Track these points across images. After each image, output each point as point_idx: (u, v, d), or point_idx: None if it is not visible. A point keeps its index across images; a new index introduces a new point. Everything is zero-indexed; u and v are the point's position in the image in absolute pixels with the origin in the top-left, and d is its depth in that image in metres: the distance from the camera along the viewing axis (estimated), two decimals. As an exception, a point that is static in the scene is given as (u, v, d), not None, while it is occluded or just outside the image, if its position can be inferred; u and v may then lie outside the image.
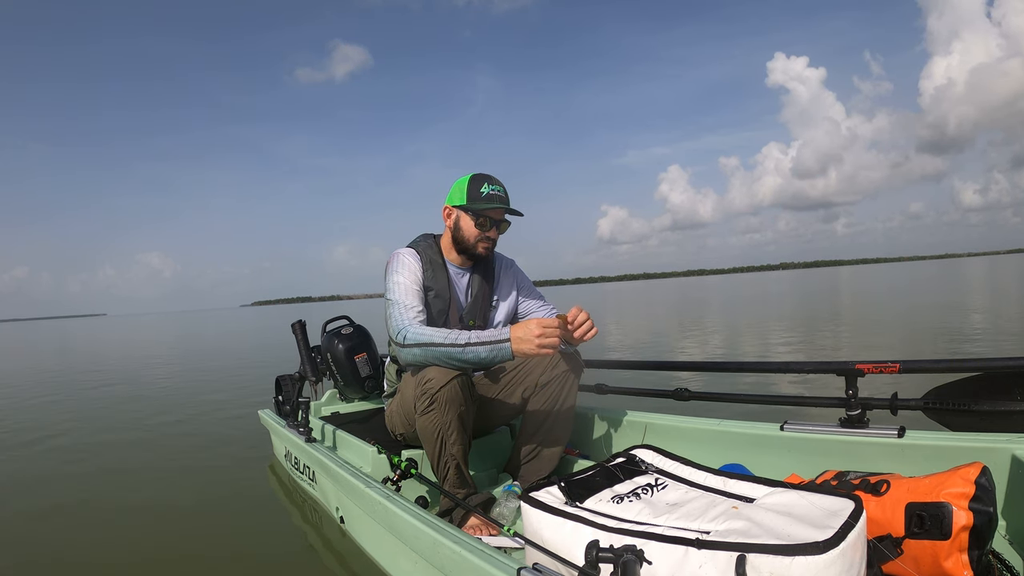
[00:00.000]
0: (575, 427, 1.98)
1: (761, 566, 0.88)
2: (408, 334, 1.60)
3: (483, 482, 1.90)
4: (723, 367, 2.40)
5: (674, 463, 1.33)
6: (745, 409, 3.07)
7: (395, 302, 1.70)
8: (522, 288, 1.97)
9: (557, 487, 1.23)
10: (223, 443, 3.57)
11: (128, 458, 3.34)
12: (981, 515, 1.06)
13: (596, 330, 1.61)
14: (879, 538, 1.12)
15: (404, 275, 1.75)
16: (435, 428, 1.59)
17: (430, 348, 1.56)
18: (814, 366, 1.80)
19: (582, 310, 1.58)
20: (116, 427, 4.32)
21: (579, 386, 1.85)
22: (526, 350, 1.48)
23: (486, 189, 1.75)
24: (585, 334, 1.59)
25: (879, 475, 1.25)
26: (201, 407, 4.97)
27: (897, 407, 1.63)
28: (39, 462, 3.35)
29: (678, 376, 4.24)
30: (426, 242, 1.87)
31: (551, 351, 1.48)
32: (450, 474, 1.62)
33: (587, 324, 1.58)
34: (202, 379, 7.08)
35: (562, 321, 1.53)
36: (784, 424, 1.69)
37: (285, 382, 2.75)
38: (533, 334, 1.47)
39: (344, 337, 2.67)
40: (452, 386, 1.56)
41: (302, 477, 2.39)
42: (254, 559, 1.89)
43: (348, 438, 2.09)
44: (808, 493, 1.07)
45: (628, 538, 1.01)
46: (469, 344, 1.53)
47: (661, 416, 1.98)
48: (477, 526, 1.58)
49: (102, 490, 2.73)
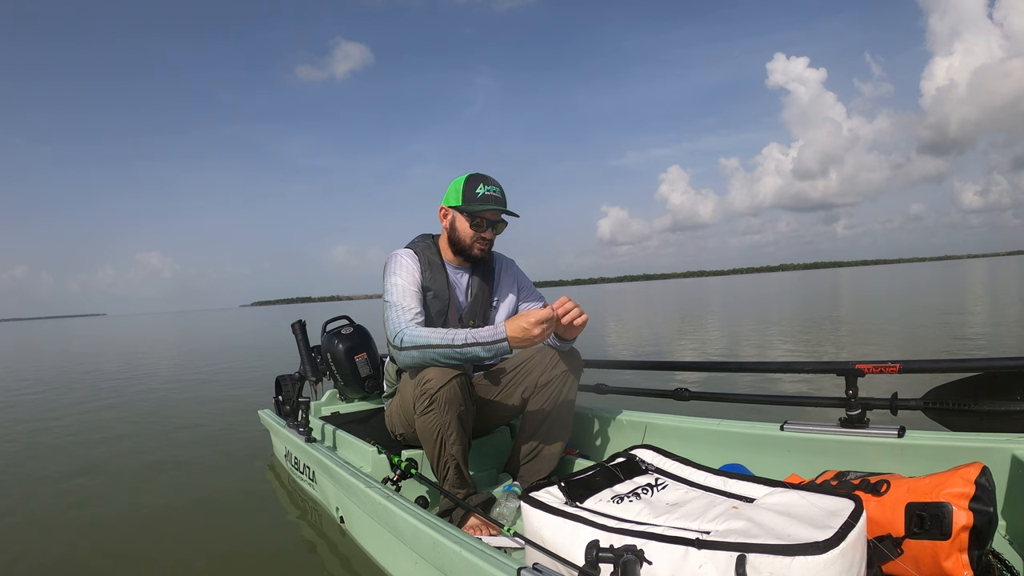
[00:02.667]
0: (575, 427, 1.98)
1: (761, 566, 0.88)
2: (405, 337, 1.61)
3: (483, 482, 1.90)
4: (723, 367, 2.40)
5: (674, 463, 1.33)
6: (745, 409, 3.06)
7: (392, 304, 1.70)
8: (522, 288, 1.97)
9: (557, 487, 1.23)
10: (223, 443, 3.57)
11: (127, 458, 3.33)
12: (981, 515, 1.06)
13: (585, 316, 1.63)
14: (879, 538, 1.12)
15: (402, 277, 1.75)
16: (434, 428, 1.59)
17: (427, 349, 1.57)
18: (814, 366, 1.80)
19: (569, 299, 1.61)
20: (115, 427, 4.31)
21: (579, 386, 1.86)
22: (522, 339, 1.51)
23: (482, 190, 1.75)
24: (574, 320, 1.60)
25: (879, 475, 1.24)
26: (201, 407, 4.97)
27: (897, 407, 1.63)
28: (38, 462, 3.35)
29: (678, 376, 4.24)
30: (424, 243, 1.87)
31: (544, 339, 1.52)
32: (450, 474, 1.62)
33: (575, 311, 1.60)
34: (202, 379, 7.08)
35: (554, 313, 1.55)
36: (784, 424, 1.69)
37: (285, 382, 2.75)
38: (527, 323, 1.50)
39: (344, 337, 2.67)
40: (451, 386, 1.56)
41: (302, 477, 2.39)
42: (254, 559, 1.89)
43: (348, 438, 2.09)
44: (808, 493, 1.08)
45: (628, 538, 1.01)
46: (466, 344, 1.54)
47: (661, 416, 1.98)
48: (477, 526, 1.58)
49: (101, 490, 2.73)
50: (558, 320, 1.57)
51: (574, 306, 1.60)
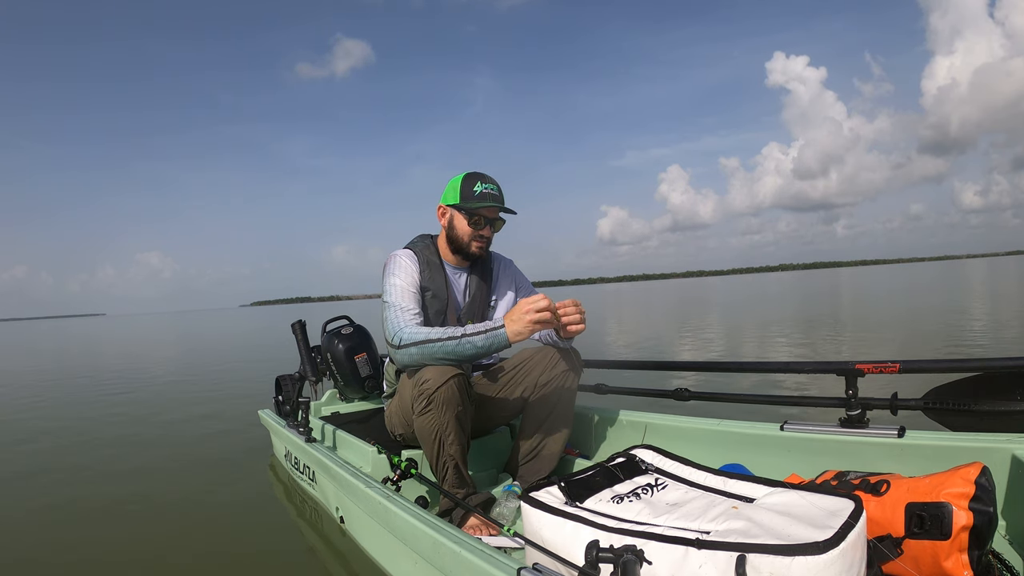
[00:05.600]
0: (575, 427, 1.98)
1: (761, 566, 0.88)
2: (404, 336, 1.62)
3: (483, 482, 1.90)
4: (723, 367, 2.40)
5: (674, 463, 1.33)
6: (745, 409, 3.06)
7: (391, 304, 1.71)
8: (520, 288, 1.97)
9: (557, 487, 1.23)
10: (223, 443, 3.57)
11: (127, 457, 3.33)
12: (981, 515, 1.06)
13: (583, 326, 1.64)
14: (879, 538, 1.12)
15: (400, 277, 1.76)
16: (432, 429, 1.59)
17: (426, 345, 1.58)
18: (814, 366, 1.80)
19: (578, 303, 1.62)
20: (114, 426, 4.31)
21: (579, 386, 1.85)
22: (519, 329, 1.53)
23: (479, 187, 1.75)
24: (572, 324, 1.61)
25: (879, 475, 1.24)
26: (201, 407, 4.97)
27: (897, 407, 1.63)
28: (38, 461, 3.35)
29: (678, 376, 4.24)
30: (423, 243, 1.88)
31: (543, 326, 1.54)
32: (449, 474, 1.62)
33: (576, 317, 1.61)
34: (202, 379, 7.08)
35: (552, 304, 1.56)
36: (784, 424, 1.69)
37: (285, 382, 2.75)
38: (522, 311, 1.53)
39: (344, 337, 2.67)
40: (449, 386, 1.56)
41: (302, 477, 2.39)
42: (254, 559, 1.89)
43: (348, 438, 2.09)
44: (808, 493, 1.07)
45: (628, 538, 1.01)
46: (465, 336, 1.56)
47: (661, 416, 1.98)
48: (477, 526, 1.58)
49: (101, 489, 2.73)
50: (557, 317, 1.58)
51: (576, 311, 1.61)
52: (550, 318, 1.54)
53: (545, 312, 1.52)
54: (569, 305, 1.61)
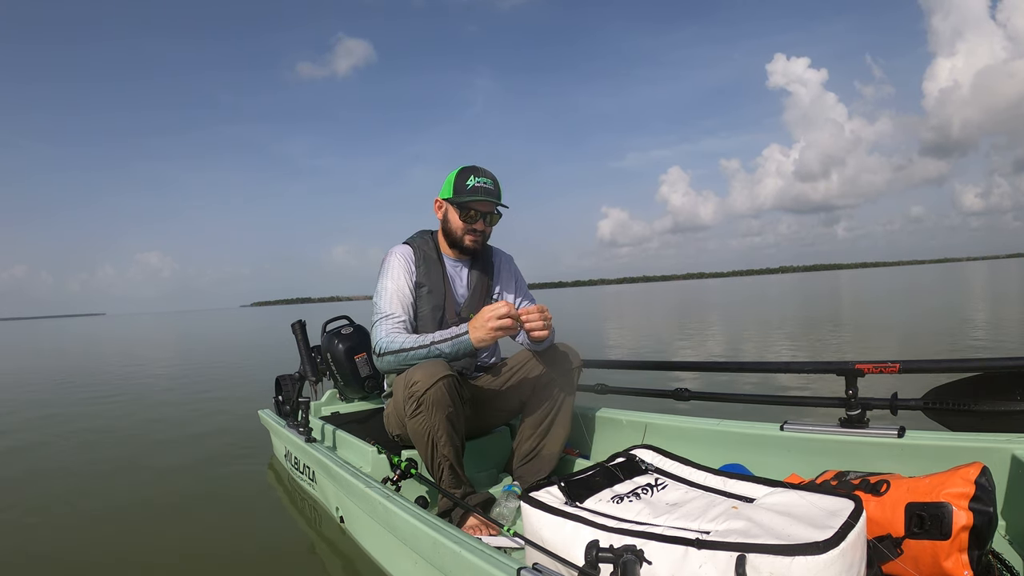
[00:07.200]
0: (575, 427, 1.98)
1: (761, 566, 0.88)
2: (382, 345, 1.67)
3: (483, 482, 1.90)
4: (723, 367, 2.40)
5: (674, 463, 1.33)
6: (745, 409, 3.06)
7: (377, 310, 1.74)
8: (517, 285, 1.98)
9: (557, 487, 1.23)
10: (223, 443, 3.57)
11: (127, 457, 3.33)
12: (981, 515, 1.06)
13: (547, 332, 1.64)
14: (879, 538, 1.12)
15: (392, 280, 1.78)
16: (424, 431, 1.58)
17: (400, 354, 1.64)
18: (814, 366, 1.80)
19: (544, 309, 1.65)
20: (114, 426, 4.31)
21: (579, 386, 1.85)
22: (482, 336, 1.56)
23: (472, 182, 1.76)
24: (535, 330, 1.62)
25: (879, 475, 1.24)
26: (201, 407, 4.97)
27: (897, 407, 1.63)
28: (37, 461, 3.35)
29: (678, 376, 4.24)
30: (422, 238, 1.89)
31: (505, 332, 1.57)
32: (444, 475, 1.61)
33: (538, 324, 1.62)
34: (202, 379, 7.07)
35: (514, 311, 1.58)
36: (784, 424, 1.69)
37: (285, 382, 2.75)
38: (484, 319, 1.56)
39: (344, 337, 2.67)
40: (438, 388, 1.54)
41: (302, 477, 2.39)
42: (254, 559, 1.89)
43: (348, 438, 2.08)
44: (808, 493, 1.07)
45: (628, 538, 1.01)
46: (434, 343, 1.60)
47: (661, 416, 1.97)
48: (477, 526, 1.57)
49: (100, 489, 2.73)
50: (520, 323, 1.61)
51: (540, 318, 1.62)
52: (512, 324, 1.57)
53: (506, 319, 1.55)
54: (534, 311, 1.63)
